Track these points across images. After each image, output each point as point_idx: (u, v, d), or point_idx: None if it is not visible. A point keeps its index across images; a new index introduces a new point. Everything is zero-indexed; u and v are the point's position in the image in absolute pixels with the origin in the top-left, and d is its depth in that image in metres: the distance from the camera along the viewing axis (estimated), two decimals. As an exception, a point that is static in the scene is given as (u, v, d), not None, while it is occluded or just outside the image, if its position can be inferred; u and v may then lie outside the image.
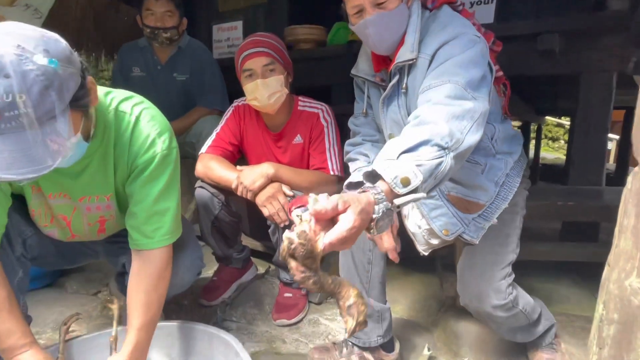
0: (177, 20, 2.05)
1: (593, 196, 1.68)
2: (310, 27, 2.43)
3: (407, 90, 1.04)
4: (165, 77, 2.14)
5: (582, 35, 1.78)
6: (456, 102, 0.84)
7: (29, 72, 0.65)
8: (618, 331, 0.75)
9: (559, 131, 9.99)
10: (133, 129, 0.96)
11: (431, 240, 1.09)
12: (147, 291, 0.98)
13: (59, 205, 1.03)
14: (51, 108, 0.69)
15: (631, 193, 0.72)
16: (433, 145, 0.75)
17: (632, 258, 0.72)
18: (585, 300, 1.68)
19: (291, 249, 0.62)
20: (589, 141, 1.85)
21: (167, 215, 1.02)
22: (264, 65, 1.40)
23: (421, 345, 1.37)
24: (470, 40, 0.94)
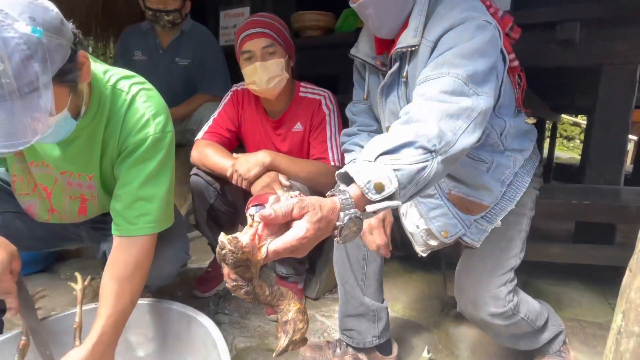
0: (179, 2, 1.99)
1: (610, 196, 1.58)
2: (318, 14, 2.37)
3: (407, 80, 0.94)
4: (166, 62, 2.09)
5: (605, 24, 1.67)
6: (452, 99, 0.74)
7: (9, 40, 0.62)
8: (638, 345, 0.67)
9: (575, 130, 9.74)
10: (128, 107, 0.92)
11: (430, 241, 1.00)
12: (120, 280, 0.91)
13: (40, 174, 0.99)
14: (33, 79, 0.65)
15: (660, 190, 0.63)
16: (417, 147, 0.66)
17: (659, 264, 0.64)
18: (598, 306, 1.60)
19: (221, 254, 0.56)
20: (608, 138, 1.75)
21: (154, 202, 0.96)
22: (263, 47, 1.33)
23: (420, 347, 1.30)
24: (479, 26, 0.82)
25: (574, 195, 1.55)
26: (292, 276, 1.55)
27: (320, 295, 1.61)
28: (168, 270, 1.14)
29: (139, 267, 0.95)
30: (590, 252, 1.62)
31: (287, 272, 1.55)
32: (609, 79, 1.71)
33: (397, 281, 1.72)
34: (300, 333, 0.65)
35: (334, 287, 1.65)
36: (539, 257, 1.57)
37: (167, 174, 0.99)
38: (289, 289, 1.52)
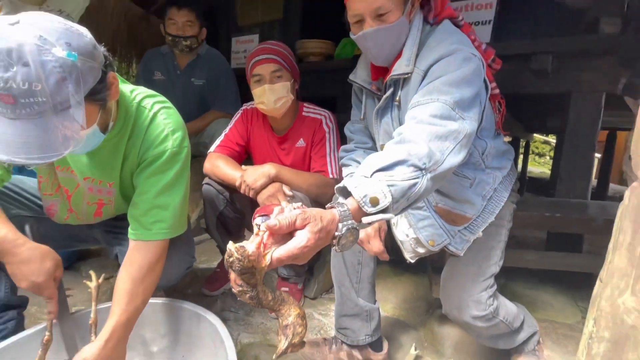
0: (197, 29, 2.00)
1: (579, 209, 1.58)
2: (319, 42, 2.37)
3: (400, 104, 0.94)
4: (183, 82, 2.09)
5: (574, 56, 1.69)
6: (441, 122, 0.74)
7: (47, 63, 0.63)
8: (608, 349, 0.66)
9: (546, 147, 9.80)
10: (149, 123, 0.92)
11: (418, 249, 0.99)
12: (134, 280, 0.90)
13: (64, 178, 0.99)
14: (66, 99, 0.66)
15: (628, 209, 0.63)
16: (409, 165, 0.67)
17: (627, 275, 0.63)
18: (569, 308, 1.58)
19: (229, 262, 0.56)
20: (577, 157, 1.75)
21: (168, 210, 0.95)
22: (272, 72, 1.34)
23: (408, 345, 1.28)
24: (465, 58, 0.83)
25: (546, 208, 1.54)
26: (293, 277, 1.53)
27: (318, 295, 1.59)
28: (175, 273, 1.12)
29: (152, 269, 0.93)
30: (561, 260, 1.61)
31: (288, 273, 1.53)
32: (577, 105, 1.72)
33: (388, 283, 1.70)
34: (299, 336, 0.63)
35: (330, 287, 1.63)
36: (516, 263, 1.56)
37: (182, 185, 0.98)
38: (289, 294, 1.52)
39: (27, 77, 0.61)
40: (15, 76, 0.61)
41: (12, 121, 0.64)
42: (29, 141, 0.65)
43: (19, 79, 0.61)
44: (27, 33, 0.62)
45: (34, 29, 0.63)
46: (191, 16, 1.96)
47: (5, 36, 0.61)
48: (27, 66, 0.61)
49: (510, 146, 1.08)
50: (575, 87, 1.71)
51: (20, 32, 0.62)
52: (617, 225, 0.64)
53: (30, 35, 0.62)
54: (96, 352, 0.82)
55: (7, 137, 0.64)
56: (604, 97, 1.71)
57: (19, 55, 0.61)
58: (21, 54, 0.61)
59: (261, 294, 0.61)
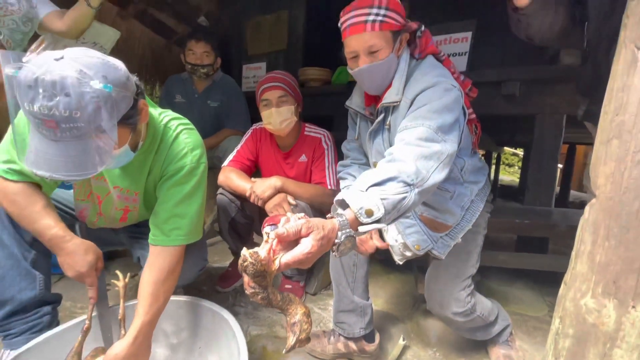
0: (213, 59, 2.01)
1: (544, 216, 1.58)
2: (318, 69, 2.39)
3: (390, 127, 0.95)
4: (200, 104, 2.09)
5: (538, 83, 1.71)
6: (426, 144, 0.75)
7: (85, 94, 0.64)
8: (572, 344, 0.65)
9: (514, 159, 9.85)
10: (172, 141, 0.93)
11: (405, 252, 0.99)
12: (156, 283, 0.89)
13: (98, 186, 0.99)
14: (102, 124, 0.67)
15: (588, 222, 0.63)
16: (399, 181, 0.67)
17: (588, 280, 0.63)
18: (537, 303, 1.57)
19: (243, 266, 0.55)
20: (541, 170, 1.76)
21: (186, 219, 0.94)
22: (278, 97, 1.35)
23: (397, 336, 1.27)
24: (446, 89, 0.84)
25: (516, 215, 1.55)
26: (296, 275, 1.52)
27: (318, 291, 1.58)
28: (189, 274, 1.12)
29: (172, 272, 0.92)
30: (530, 260, 1.61)
31: (292, 272, 1.52)
32: (541, 125, 1.74)
33: (378, 280, 1.69)
34: (305, 333, 0.63)
35: (329, 284, 1.62)
36: (490, 262, 1.56)
37: (199, 196, 0.97)
38: (294, 292, 1.52)
39: (68, 105, 0.63)
40: (58, 105, 0.62)
41: (55, 142, 0.65)
42: (68, 160, 0.66)
43: (61, 107, 0.62)
44: (70, 67, 0.64)
45: (75, 64, 0.65)
46: (208, 47, 1.97)
47: (51, 70, 0.62)
48: (68, 96, 0.62)
49: (485, 163, 1.09)
50: (540, 109, 1.73)
51: (63, 66, 0.64)
52: (579, 237, 0.65)
53: (72, 70, 0.64)
54: (126, 348, 0.82)
55: (50, 157, 0.65)
56: (564, 118, 1.73)
57: (62, 86, 0.62)
58: (64, 86, 0.62)
59: (271, 295, 0.61)
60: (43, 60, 0.64)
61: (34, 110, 0.62)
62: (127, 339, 0.83)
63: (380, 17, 0.87)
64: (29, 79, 0.62)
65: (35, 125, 0.65)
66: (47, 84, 0.62)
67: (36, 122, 0.64)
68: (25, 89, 0.62)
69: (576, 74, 1.53)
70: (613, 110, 0.59)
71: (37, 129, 0.65)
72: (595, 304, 0.61)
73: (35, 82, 0.61)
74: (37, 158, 0.66)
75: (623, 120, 0.57)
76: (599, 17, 0.85)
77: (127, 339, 0.83)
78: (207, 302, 1.04)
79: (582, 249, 0.63)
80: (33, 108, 0.62)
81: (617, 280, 0.59)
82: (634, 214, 0.56)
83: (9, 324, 0.94)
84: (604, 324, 0.60)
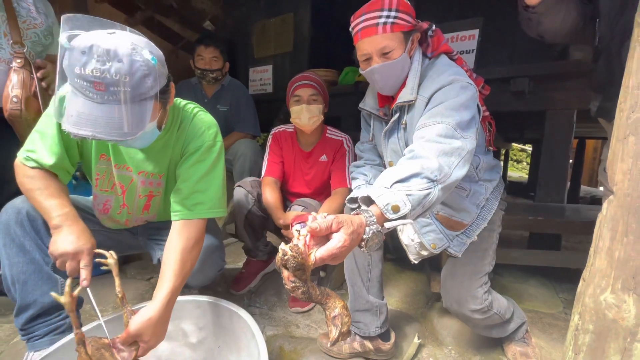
0: (221, 64, 2.04)
1: (557, 212, 1.58)
2: (325, 70, 2.41)
3: (406, 126, 0.96)
4: (210, 108, 2.06)
5: (548, 79, 1.70)
6: (446, 141, 0.76)
7: (135, 62, 0.71)
8: (593, 340, 0.66)
9: (522, 155, 9.74)
10: (190, 121, 0.99)
11: (421, 252, 1.00)
12: (183, 251, 0.90)
13: (121, 175, 1.02)
14: (145, 91, 0.74)
15: (606, 219, 0.64)
16: (423, 177, 0.68)
17: (607, 276, 0.64)
18: (551, 300, 1.56)
19: (284, 260, 0.56)
20: (553, 166, 1.75)
21: (207, 193, 0.98)
22: (310, 95, 1.41)
23: (412, 334, 1.28)
24: (463, 86, 0.85)
25: (529, 212, 1.55)
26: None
27: (331, 291, 1.60)
28: (210, 274, 1.15)
29: (197, 242, 0.95)
30: (543, 256, 1.61)
31: (305, 272, 1.54)
32: (552, 121, 1.73)
33: (391, 280, 1.69)
34: (347, 326, 0.64)
35: (341, 284, 1.64)
36: (503, 260, 1.56)
37: (218, 172, 1.01)
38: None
39: (119, 70, 0.69)
40: (110, 69, 0.69)
41: (100, 105, 0.70)
42: (110, 122, 0.71)
43: (112, 70, 0.69)
44: (122, 39, 0.71)
45: (127, 38, 0.73)
46: (216, 52, 2.00)
47: (105, 40, 0.70)
48: (120, 62, 0.69)
49: (498, 161, 1.10)
50: (549, 105, 1.73)
51: (116, 38, 0.71)
52: (597, 233, 0.65)
53: (126, 42, 0.71)
54: (157, 310, 0.81)
55: (94, 118, 0.70)
56: (575, 114, 1.72)
57: (115, 53, 0.69)
58: (117, 53, 0.69)
59: (311, 289, 0.61)
60: (96, 33, 0.71)
61: (85, 74, 0.68)
62: (158, 303, 0.81)
63: (391, 19, 0.89)
64: (84, 46, 0.68)
65: (82, 88, 0.69)
66: (102, 50, 0.68)
67: (85, 85, 0.69)
68: (78, 55, 0.68)
69: (589, 70, 1.52)
70: (629, 108, 0.59)
71: (83, 92, 0.70)
72: (615, 300, 0.62)
73: (90, 48, 0.68)
74: (79, 119, 0.70)
75: (639, 117, 0.57)
76: (610, 13, 0.85)
77: (157, 302, 0.82)
78: (225, 301, 1.06)
79: (600, 245, 0.64)
80: (85, 71, 0.68)
81: (637, 276, 0.59)
82: (652, 209, 0.57)
83: (33, 327, 0.97)
84: (624, 319, 0.61)
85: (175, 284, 0.86)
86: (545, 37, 0.95)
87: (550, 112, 1.74)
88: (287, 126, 1.59)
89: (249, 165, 1.95)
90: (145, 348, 0.81)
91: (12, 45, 1.20)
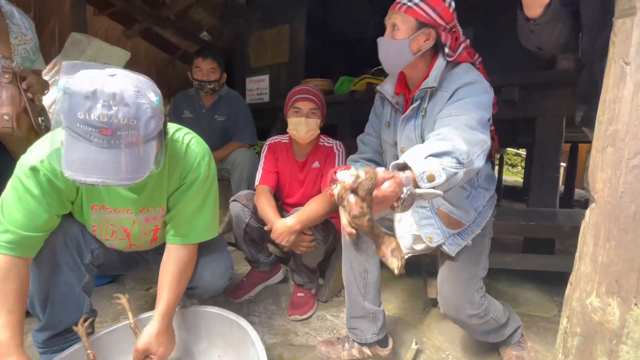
0: (219, 75, 2.07)
1: (549, 217, 1.62)
2: (321, 80, 2.46)
3: (425, 114, 0.99)
4: (208, 119, 2.15)
5: (537, 88, 1.76)
6: (472, 132, 0.81)
7: (142, 104, 0.71)
8: (581, 343, 0.69)
9: (517, 159, 9.84)
10: (185, 152, 0.98)
11: (415, 245, 1.05)
12: (176, 272, 0.98)
13: (122, 218, 1.01)
14: (151, 132, 0.73)
15: (589, 225, 0.67)
16: (453, 157, 0.72)
17: (592, 280, 0.67)
18: (546, 303, 1.59)
19: (357, 183, 0.54)
20: (544, 172, 1.80)
21: (201, 220, 1.02)
22: (309, 108, 1.45)
23: (410, 340, 1.30)
24: (485, 88, 0.93)
25: (521, 217, 1.58)
26: (307, 283, 1.55)
27: (329, 298, 1.61)
28: (221, 283, 1.17)
29: (189, 265, 1.02)
30: (537, 261, 1.64)
31: (303, 280, 1.55)
32: (542, 128, 1.78)
33: (388, 286, 1.71)
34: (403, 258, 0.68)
35: (340, 290, 1.65)
36: (497, 264, 1.58)
37: (212, 199, 1.04)
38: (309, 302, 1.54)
39: (127, 114, 0.68)
40: (117, 113, 0.67)
41: (107, 150, 0.69)
42: (118, 166, 0.70)
43: (120, 115, 0.68)
44: (126, 82, 0.70)
45: (130, 79, 0.72)
46: (214, 64, 2.03)
47: (109, 83, 0.68)
48: (127, 106, 0.68)
49: (494, 173, 1.14)
50: (539, 113, 1.78)
51: (120, 81, 0.70)
52: (582, 239, 0.68)
53: (129, 84, 0.70)
54: (157, 325, 0.92)
55: (101, 163, 0.69)
56: (564, 121, 1.77)
57: (121, 97, 0.68)
58: (123, 97, 0.68)
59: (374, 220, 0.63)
60: (98, 76, 0.69)
61: (90, 119, 0.66)
62: (156, 318, 0.92)
63: (412, 3, 0.95)
64: (86, 91, 0.66)
65: (85, 133, 0.67)
66: (107, 95, 0.67)
67: (90, 130, 0.67)
68: (81, 99, 0.66)
69: (575, 79, 1.57)
70: (607, 120, 0.63)
71: (86, 137, 0.67)
72: (600, 303, 0.65)
73: (94, 93, 0.66)
74: (84, 166, 0.68)
75: (616, 130, 0.61)
76: (592, 28, 0.89)
77: (155, 318, 0.92)
78: (224, 311, 1.08)
79: (585, 251, 0.67)
80: (90, 117, 0.66)
81: (619, 280, 0.62)
82: (631, 216, 0.60)
83: (52, 343, 1.00)
84: (609, 322, 0.64)
85: (170, 300, 0.95)
86: (544, 49, 1.00)
87: (540, 119, 1.79)
88: (282, 137, 1.62)
89: (247, 174, 1.97)
90: (158, 358, 0.91)
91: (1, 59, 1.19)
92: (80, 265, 1.00)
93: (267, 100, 2.91)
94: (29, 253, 0.88)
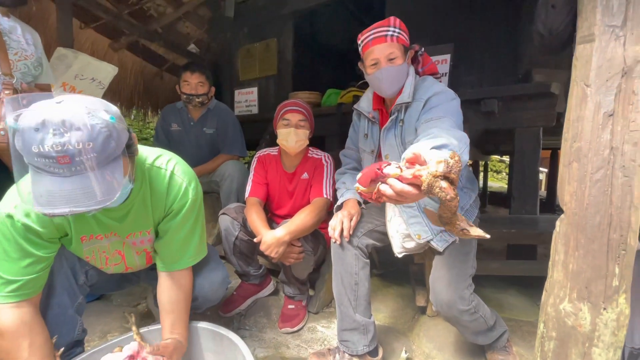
0: (207, 88, 2.09)
1: (530, 224, 1.68)
2: (309, 93, 2.51)
3: (403, 123, 1.11)
4: (196, 131, 2.16)
5: (514, 100, 1.84)
6: (455, 130, 0.89)
7: (95, 126, 0.66)
8: (556, 346, 0.73)
9: (501, 166, 10.14)
10: (169, 180, 0.96)
11: (405, 243, 1.10)
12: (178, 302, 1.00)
13: (113, 242, 1.00)
14: (111, 152, 0.69)
15: (560, 235, 0.72)
16: (450, 150, 0.74)
17: (564, 287, 0.71)
18: (530, 308, 1.64)
19: (449, 167, 0.55)
20: (524, 180, 1.88)
21: (191, 245, 1.02)
22: (298, 120, 1.49)
23: (399, 348, 1.32)
24: (452, 96, 1.06)
25: (505, 225, 1.64)
26: (298, 295, 1.56)
27: (320, 309, 1.62)
28: (220, 293, 1.17)
29: (187, 284, 1.03)
30: (520, 266, 1.69)
31: (294, 292, 1.56)
32: (520, 138, 1.86)
33: (378, 295, 1.73)
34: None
35: (330, 301, 1.67)
36: (483, 271, 1.62)
37: (200, 222, 1.05)
38: (297, 310, 1.54)
39: (80, 138, 0.64)
40: (71, 139, 0.64)
41: (69, 178, 0.66)
42: (86, 192, 0.66)
43: (73, 141, 0.64)
44: (75, 106, 0.67)
45: (78, 103, 0.68)
46: (202, 78, 2.05)
47: (57, 110, 0.65)
48: (79, 130, 0.64)
49: (473, 175, 1.22)
50: (517, 124, 1.86)
51: (68, 106, 0.66)
52: (554, 247, 0.73)
53: (78, 107, 0.67)
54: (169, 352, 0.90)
55: (66, 193, 0.66)
56: (541, 130, 1.86)
57: (71, 123, 0.64)
58: (73, 122, 0.64)
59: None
60: (44, 105, 0.65)
61: (45, 151, 0.63)
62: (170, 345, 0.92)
63: (397, 33, 1.10)
64: (35, 123, 0.63)
65: (44, 166, 0.64)
66: (56, 123, 0.63)
67: (47, 162, 0.64)
68: (31, 133, 0.63)
69: (550, 92, 1.66)
70: (571, 138, 0.68)
71: (46, 170, 0.65)
72: (572, 308, 0.69)
73: (43, 124, 0.63)
74: (51, 198, 0.65)
75: (580, 146, 0.66)
76: None
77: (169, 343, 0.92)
78: (214, 326, 1.07)
79: (557, 259, 0.72)
80: (43, 149, 0.63)
81: (589, 286, 0.67)
82: (596, 226, 0.65)
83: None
84: (581, 326, 0.68)
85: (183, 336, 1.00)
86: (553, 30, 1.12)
87: (518, 129, 1.87)
88: (271, 149, 1.65)
89: (236, 187, 1.98)
90: None
91: (1, 75, 1.21)
92: (74, 286, 0.99)
93: (256, 112, 2.94)
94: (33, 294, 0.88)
